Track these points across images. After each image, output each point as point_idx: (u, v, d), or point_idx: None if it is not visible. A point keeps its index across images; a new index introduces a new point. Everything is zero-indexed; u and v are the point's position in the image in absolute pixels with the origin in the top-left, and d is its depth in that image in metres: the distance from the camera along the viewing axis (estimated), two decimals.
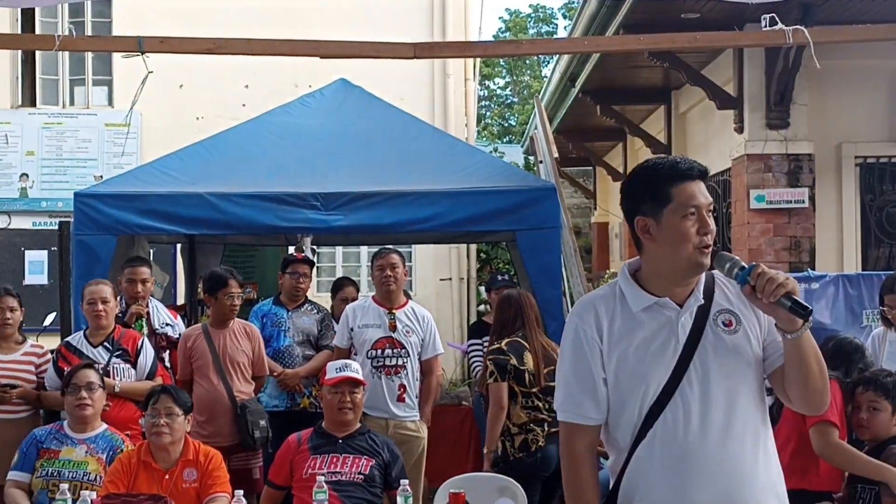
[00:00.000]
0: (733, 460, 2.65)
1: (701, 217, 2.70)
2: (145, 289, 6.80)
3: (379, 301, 6.49)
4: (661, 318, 2.73)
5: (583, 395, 2.72)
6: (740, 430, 2.67)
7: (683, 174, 2.72)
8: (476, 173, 7.88)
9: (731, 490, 2.64)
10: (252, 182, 7.80)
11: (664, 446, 2.65)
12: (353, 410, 5.30)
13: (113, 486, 4.70)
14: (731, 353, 2.69)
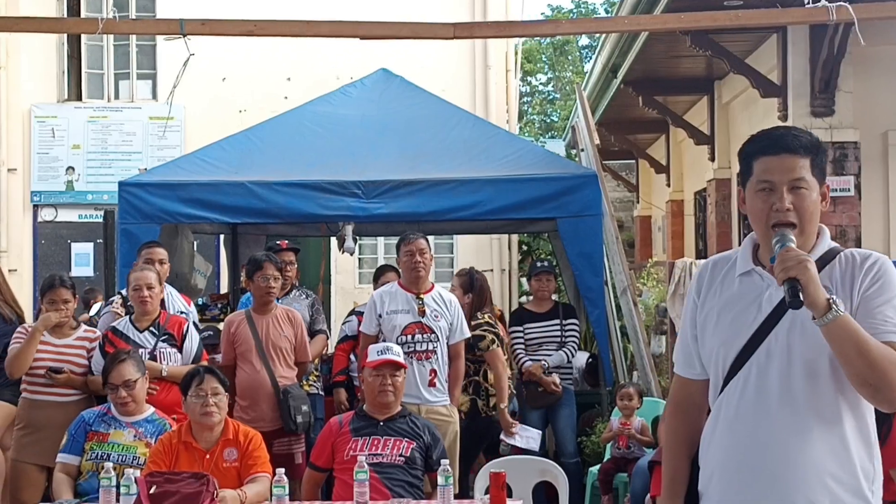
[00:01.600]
0: (787, 437, 2.63)
1: (775, 192, 2.67)
2: (162, 269, 6.78)
3: (406, 286, 6.46)
4: (752, 287, 2.75)
5: (681, 350, 2.89)
6: (806, 408, 2.63)
7: (764, 148, 2.73)
8: (517, 161, 7.88)
9: (773, 464, 2.64)
10: (293, 171, 7.86)
11: (727, 410, 2.72)
12: (395, 393, 5.31)
13: (155, 467, 4.73)
14: (808, 331, 2.62)
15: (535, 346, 7.59)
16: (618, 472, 6.92)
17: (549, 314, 7.68)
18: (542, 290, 7.75)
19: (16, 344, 6.12)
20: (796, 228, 2.65)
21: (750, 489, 2.67)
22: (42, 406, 6.07)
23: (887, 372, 2.52)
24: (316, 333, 7.04)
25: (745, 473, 2.68)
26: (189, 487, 4.25)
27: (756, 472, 2.66)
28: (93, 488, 4.90)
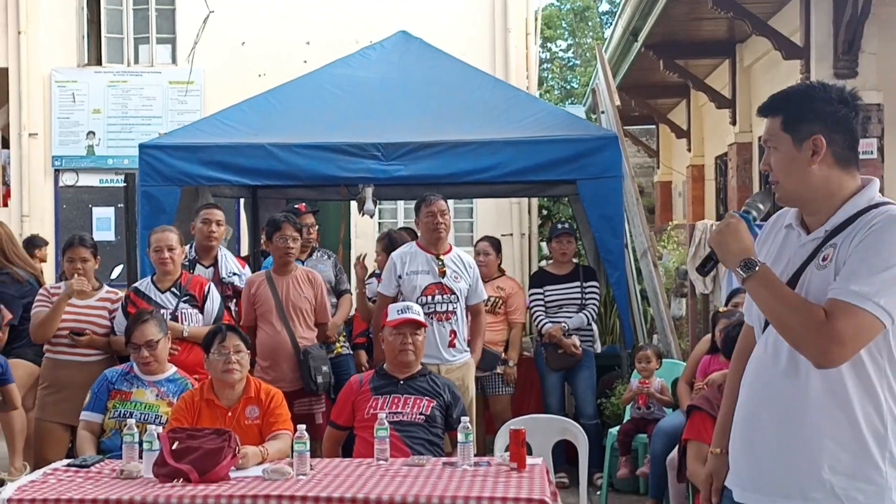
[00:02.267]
0: (793, 394, 2.68)
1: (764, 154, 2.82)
2: (219, 231, 6.86)
3: (425, 247, 6.46)
4: (789, 242, 2.83)
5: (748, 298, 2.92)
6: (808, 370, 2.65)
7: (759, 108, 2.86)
8: (537, 123, 7.85)
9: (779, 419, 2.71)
10: (313, 133, 7.85)
11: (750, 363, 2.85)
12: (415, 352, 5.33)
13: (177, 423, 4.76)
14: (816, 287, 2.66)
15: (556, 309, 7.59)
16: (637, 433, 6.93)
17: (569, 276, 7.68)
18: (563, 253, 7.74)
19: (40, 308, 6.18)
20: (779, 185, 2.76)
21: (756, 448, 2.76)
22: (65, 366, 6.13)
23: (797, 335, 2.60)
24: (342, 293, 7.04)
25: (752, 433, 2.77)
26: (211, 443, 4.28)
27: (762, 433, 2.74)
28: (116, 446, 4.95)
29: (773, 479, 2.71)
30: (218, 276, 6.86)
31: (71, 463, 4.62)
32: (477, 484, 4.13)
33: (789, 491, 2.68)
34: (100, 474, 4.41)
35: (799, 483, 2.66)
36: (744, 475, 2.80)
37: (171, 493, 4.00)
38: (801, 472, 2.65)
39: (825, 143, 2.68)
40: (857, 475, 2.61)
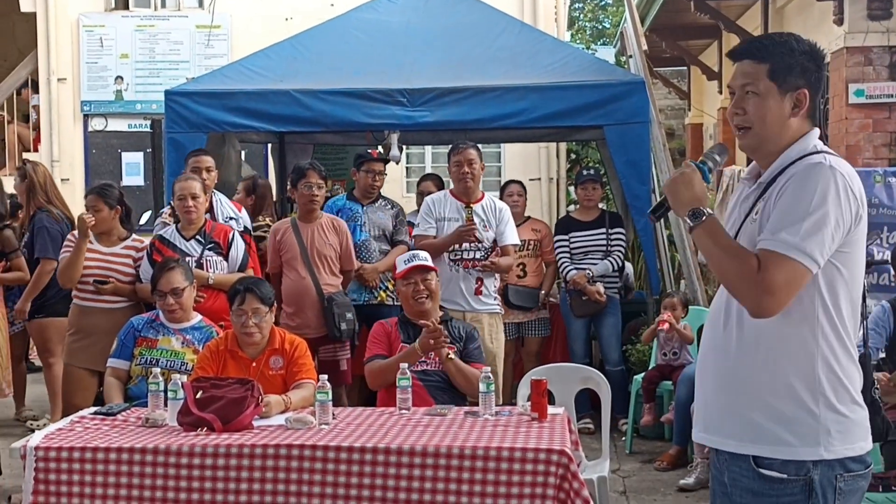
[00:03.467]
0: (724, 344, 2.78)
1: (735, 97, 2.77)
2: (210, 178, 6.80)
3: (456, 195, 6.49)
4: (741, 194, 2.88)
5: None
6: (736, 321, 2.75)
7: (732, 56, 2.83)
8: (564, 68, 7.77)
9: (720, 369, 2.80)
10: (339, 79, 7.82)
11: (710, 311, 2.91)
12: (430, 298, 5.30)
13: (202, 373, 4.81)
14: (748, 243, 2.72)
15: (581, 255, 7.58)
16: (662, 379, 6.94)
17: (594, 223, 7.65)
18: (588, 199, 7.72)
19: (65, 253, 6.24)
20: (751, 131, 2.73)
21: (703, 391, 2.88)
22: (91, 312, 6.20)
23: (734, 285, 2.65)
24: (397, 244, 7.02)
25: (701, 376, 2.90)
26: (234, 393, 4.31)
27: (705, 377, 2.86)
28: (142, 392, 5.00)
29: (715, 421, 2.82)
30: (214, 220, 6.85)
31: (97, 411, 4.68)
32: (498, 434, 4.14)
33: (728, 432, 2.77)
34: (125, 422, 4.47)
35: (736, 425, 2.75)
36: (697, 416, 2.91)
37: (194, 442, 4.05)
38: (737, 416, 2.75)
39: (808, 97, 2.74)
40: (789, 419, 2.68)
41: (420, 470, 3.94)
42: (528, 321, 7.69)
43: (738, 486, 2.76)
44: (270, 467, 3.99)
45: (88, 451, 4.03)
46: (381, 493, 3.95)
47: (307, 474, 3.98)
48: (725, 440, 2.78)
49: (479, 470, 3.91)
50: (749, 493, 2.73)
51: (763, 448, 2.70)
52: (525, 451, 3.91)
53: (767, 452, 2.70)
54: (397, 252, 6.73)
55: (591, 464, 5.10)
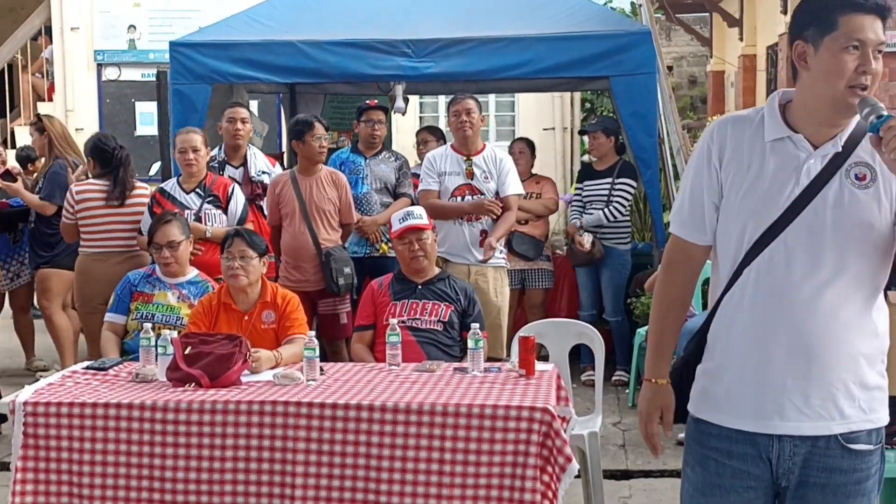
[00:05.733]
0: (824, 315, 2.55)
1: (864, 54, 2.50)
2: (245, 129, 6.90)
3: (456, 148, 6.45)
4: (787, 156, 2.59)
5: (691, 214, 2.72)
6: (841, 287, 2.55)
7: (857, 4, 2.52)
8: (569, 18, 7.67)
9: (810, 345, 2.55)
10: (344, 30, 7.75)
11: (758, 284, 2.58)
12: (426, 256, 5.31)
13: (195, 328, 4.84)
14: (855, 207, 2.55)
15: (588, 205, 7.58)
16: None
17: (605, 172, 7.60)
18: (593, 149, 7.73)
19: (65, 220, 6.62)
20: (865, 92, 2.51)
21: (783, 368, 2.58)
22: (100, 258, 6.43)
23: None
24: (399, 196, 7.00)
25: (780, 350, 2.57)
26: (223, 349, 4.34)
27: (793, 350, 2.57)
28: (138, 347, 4.99)
29: (799, 404, 2.60)
30: (248, 175, 6.90)
31: (89, 366, 4.71)
32: (483, 391, 4.15)
33: (817, 413, 2.60)
34: (116, 377, 4.50)
35: (828, 403, 2.59)
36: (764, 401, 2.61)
37: (180, 398, 4.07)
38: (825, 392, 2.58)
39: None
40: (871, 387, 2.62)
41: (404, 427, 3.95)
42: (531, 270, 7.67)
43: (821, 470, 2.62)
44: (256, 423, 4.02)
45: (76, 406, 4.06)
46: (365, 449, 3.97)
47: (292, 430, 4.00)
48: (816, 423, 2.59)
49: (463, 427, 3.92)
50: (838, 472, 2.62)
51: (853, 423, 2.60)
52: (508, 409, 3.92)
53: (864, 426, 2.61)
54: (399, 205, 6.71)
55: (583, 419, 5.10)
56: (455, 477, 3.93)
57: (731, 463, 2.65)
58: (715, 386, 2.68)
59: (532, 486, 3.87)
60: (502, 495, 3.90)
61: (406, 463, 3.95)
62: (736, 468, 2.64)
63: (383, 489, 3.96)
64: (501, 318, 6.35)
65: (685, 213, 2.74)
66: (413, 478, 3.95)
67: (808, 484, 2.62)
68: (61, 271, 7.28)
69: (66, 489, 4.06)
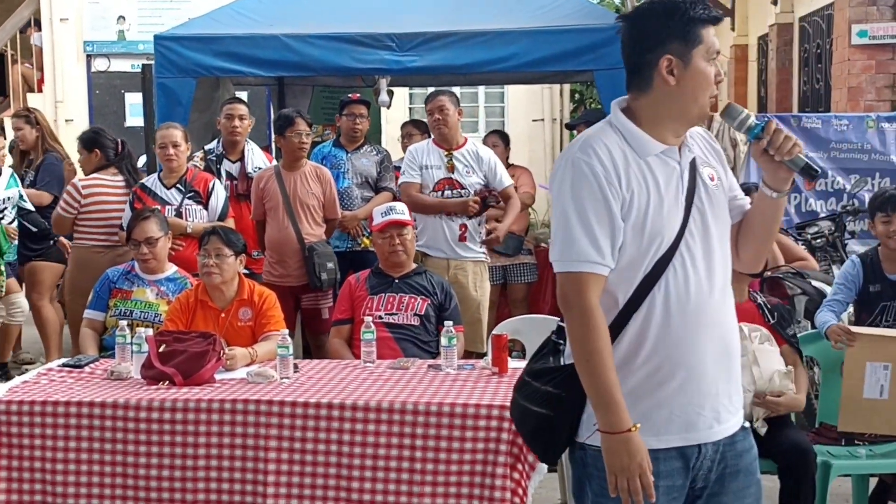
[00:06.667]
0: (728, 312, 2.67)
1: (715, 64, 2.62)
2: (243, 125, 6.91)
3: (437, 142, 6.47)
4: (667, 169, 2.61)
5: (605, 243, 2.53)
6: (727, 281, 2.68)
7: (714, 18, 2.60)
8: (554, 11, 7.65)
9: (728, 343, 2.66)
10: (328, 23, 7.73)
11: (677, 300, 2.55)
12: (405, 252, 5.34)
13: (172, 325, 4.86)
14: (719, 207, 2.66)
15: None
16: None
17: None
18: None
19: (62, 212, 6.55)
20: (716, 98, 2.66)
21: (716, 374, 2.62)
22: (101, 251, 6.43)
23: None
24: (381, 190, 7.00)
25: (711, 358, 2.60)
26: (196, 347, 4.36)
27: (720, 355, 2.62)
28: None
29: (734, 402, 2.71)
30: (244, 170, 6.90)
31: (65, 363, 4.73)
32: (455, 390, 4.17)
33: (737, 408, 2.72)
34: (91, 375, 4.53)
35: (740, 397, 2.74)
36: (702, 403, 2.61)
37: (153, 397, 4.09)
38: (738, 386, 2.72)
39: None
40: None
41: (375, 425, 3.98)
42: (513, 265, 7.69)
43: (734, 456, 2.69)
44: (228, 422, 4.04)
45: (49, 404, 4.08)
46: (337, 447, 4.00)
47: (264, 429, 4.02)
48: (737, 416, 2.71)
49: (434, 425, 3.95)
50: (745, 453, 2.71)
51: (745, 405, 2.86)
52: (479, 408, 3.94)
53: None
54: (380, 199, 6.72)
55: None
56: (426, 475, 3.96)
57: (662, 483, 2.58)
58: (632, 411, 2.54)
59: (502, 484, 3.89)
60: (472, 492, 3.93)
61: (377, 461, 3.98)
62: (665, 486, 2.60)
63: (355, 487, 3.99)
64: (481, 313, 6.37)
65: (601, 246, 2.54)
66: (385, 475, 3.98)
67: (725, 476, 2.67)
68: (53, 264, 7.37)
69: (39, 487, 4.09)
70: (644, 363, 2.58)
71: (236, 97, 7.70)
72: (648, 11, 2.64)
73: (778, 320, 4.61)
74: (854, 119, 7.52)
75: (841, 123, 7.43)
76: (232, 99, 7.40)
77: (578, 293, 2.54)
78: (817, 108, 10.84)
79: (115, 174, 6.59)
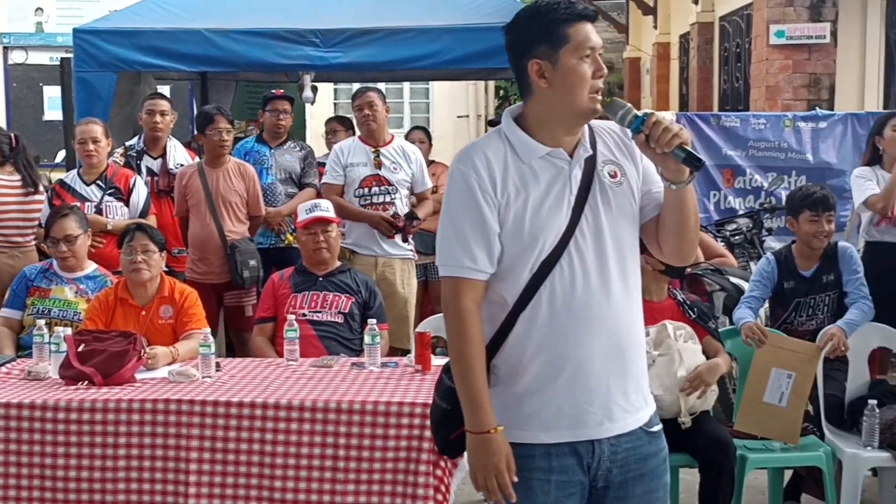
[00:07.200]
0: (623, 311, 2.66)
1: (595, 59, 2.59)
2: (164, 121, 6.82)
3: (364, 139, 6.47)
4: (553, 170, 2.63)
5: (479, 250, 2.60)
6: (626, 281, 2.66)
7: (580, 14, 2.60)
8: (478, 9, 7.69)
9: (621, 341, 2.64)
10: (252, 19, 7.69)
11: (561, 300, 2.60)
12: (329, 249, 5.33)
13: (91, 324, 4.79)
14: (618, 204, 2.66)
15: None
16: None
17: None
18: None
19: None
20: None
21: (604, 372, 2.63)
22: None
23: (695, 232, 2.68)
24: (304, 186, 6.95)
25: (598, 356, 2.62)
26: (116, 346, 4.30)
27: (610, 353, 2.63)
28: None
29: (620, 401, 2.68)
30: (166, 166, 6.82)
31: None
32: (378, 388, 4.18)
33: (634, 406, 2.71)
34: (8, 375, 4.44)
35: (639, 395, 2.72)
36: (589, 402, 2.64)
37: (72, 397, 4.03)
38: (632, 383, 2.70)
39: None
40: None
41: (298, 424, 3.97)
42: (433, 263, 7.69)
43: (638, 461, 2.70)
44: (149, 422, 4.00)
45: None
46: (259, 446, 3.98)
47: (186, 429, 3.99)
48: (635, 416, 2.70)
49: (357, 424, 3.95)
50: (650, 457, 2.72)
51: (651, 408, 2.75)
52: (402, 405, 3.95)
53: (654, 406, 2.77)
54: (304, 196, 6.70)
55: None
56: (349, 473, 3.96)
57: (555, 478, 2.64)
58: (524, 408, 2.63)
59: (425, 482, 3.90)
60: (396, 490, 3.94)
61: (300, 460, 3.97)
62: (559, 481, 2.65)
63: (277, 486, 3.98)
64: (408, 310, 6.40)
65: (474, 252, 2.61)
66: (307, 474, 3.97)
67: (627, 481, 2.69)
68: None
69: None
70: (531, 361, 2.62)
71: (158, 92, 7.63)
72: (517, 19, 2.66)
73: (698, 315, 4.70)
74: (771, 118, 7.67)
75: (759, 122, 7.58)
76: (153, 94, 7.32)
77: (453, 297, 2.63)
78: (737, 107, 11.03)
79: (10, 172, 6.20)
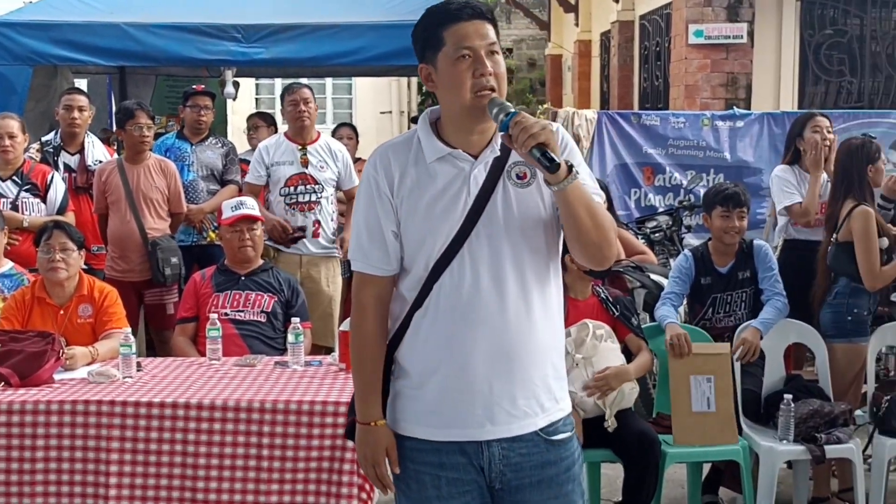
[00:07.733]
0: (516, 317, 2.62)
1: (477, 58, 2.56)
2: (82, 117, 6.68)
3: (291, 137, 6.41)
4: (453, 171, 2.63)
5: (372, 246, 2.67)
6: (526, 286, 2.63)
7: (454, 16, 2.58)
8: (401, 6, 7.72)
9: (509, 348, 2.62)
10: (172, 12, 7.64)
11: (448, 300, 2.61)
12: (254, 247, 5.29)
13: (7, 323, 4.70)
14: (522, 207, 2.63)
15: None
16: None
17: None
18: None
19: None
20: (495, 93, 2.57)
21: (487, 375, 2.61)
22: None
23: (608, 228, 2.58)
24: (226, 183, 6.88)
25: (481, 358, 2.61)
26: (34, 346, 4.23)
27: (494, 357, 2.61)
28: None
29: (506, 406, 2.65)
30: (84, 163, 6.69)
31: None
32: (301, 387, 4.17)
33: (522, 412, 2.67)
34: None
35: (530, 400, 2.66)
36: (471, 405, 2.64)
37: None
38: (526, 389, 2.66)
39: None
40: (563, 377, 2.75)
41: (221, 424, 3.95)
42: None
43: (534, 468, 2.68)
44: (69, 423, 3.95)
45: None
46: (181, 447, 3.95)
47: (106, 430, 3.95)
48: (523, 422, 2.66)
49: (280, 423, 3.95)
50: (549, 465, 2.69)
51: (552, 414, 2.69)
52: (325, 404, 3.96)
53: (558, 415, 2.70)
54: (226, 193, 6.64)
55: None
56: (273, 472, 3.95)
57: (445, 474, 2.66)
58: (415, 402, 2.67)
59: (349, 480, 3.92)
60: (320, 489, 3.95)
61: (223, 460, 3.95)
62: (451, 478, 2.67)
63: (200, 486, 3.95)
64: (333, 308, 6.38)
65: (367, 248, 2.69)
66: (231, 474, 3.96)
67: (524, 486, 2.69)
68: None
69: None
70: (419, 358, 2.66)
71: (76, 87, 7.49)
72: (414, 25, 2.69)
73: (621, 312, 4.76)
74: (690, 117, 7.79)
75: (678, 121, 7.70)
76: (71, 89, 7.17)
77: (356, 290, 2.75)
78: (657, 105, 11.18)
79: None
